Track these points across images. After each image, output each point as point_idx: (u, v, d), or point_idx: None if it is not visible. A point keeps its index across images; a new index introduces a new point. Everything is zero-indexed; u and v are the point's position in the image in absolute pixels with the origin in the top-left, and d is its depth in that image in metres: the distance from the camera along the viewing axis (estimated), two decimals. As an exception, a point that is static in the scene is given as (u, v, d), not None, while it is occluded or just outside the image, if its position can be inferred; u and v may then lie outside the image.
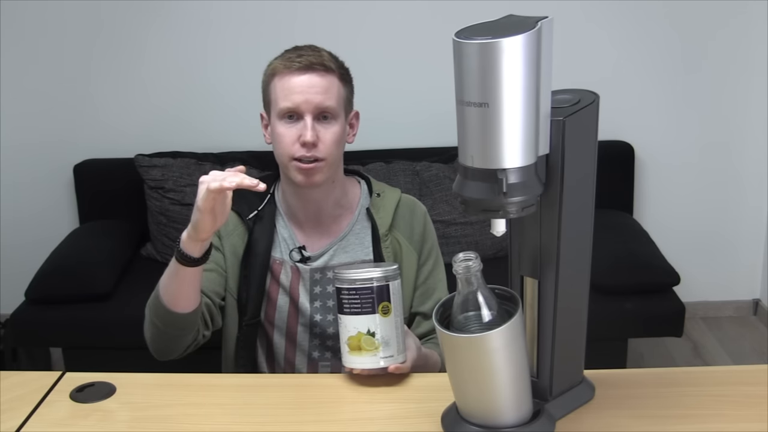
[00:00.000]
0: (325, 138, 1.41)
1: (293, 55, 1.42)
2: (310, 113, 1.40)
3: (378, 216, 1.51)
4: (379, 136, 2.89)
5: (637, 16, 2.91)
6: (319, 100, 1.40)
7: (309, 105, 1.39)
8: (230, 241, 1.51)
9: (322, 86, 1.40)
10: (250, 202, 1.53)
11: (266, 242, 1.50)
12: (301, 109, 1.40)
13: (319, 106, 1.40)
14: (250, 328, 1.50)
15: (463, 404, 1.10)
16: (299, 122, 1.41)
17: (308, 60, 1.40)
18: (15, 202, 3.10)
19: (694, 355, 2.95)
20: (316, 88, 1.40)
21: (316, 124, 1.41)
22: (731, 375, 1.31)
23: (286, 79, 1.41)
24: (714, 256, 3.18)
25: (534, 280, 1.11)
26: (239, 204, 1.52)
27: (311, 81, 1.40)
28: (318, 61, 1.40)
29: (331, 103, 1.41)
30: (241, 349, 1.52)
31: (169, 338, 1.40)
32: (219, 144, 2.95)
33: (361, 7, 2.90)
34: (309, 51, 1.42)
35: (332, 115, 1.42)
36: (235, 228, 1.52)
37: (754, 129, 3.03)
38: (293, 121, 1.41)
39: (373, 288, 1.24)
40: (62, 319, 2.55)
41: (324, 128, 1.42)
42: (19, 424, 1.18)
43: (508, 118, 0.93)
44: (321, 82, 1.40)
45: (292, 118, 1.41)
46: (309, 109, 1.40)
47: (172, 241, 2.81)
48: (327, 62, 1.41)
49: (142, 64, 2.98)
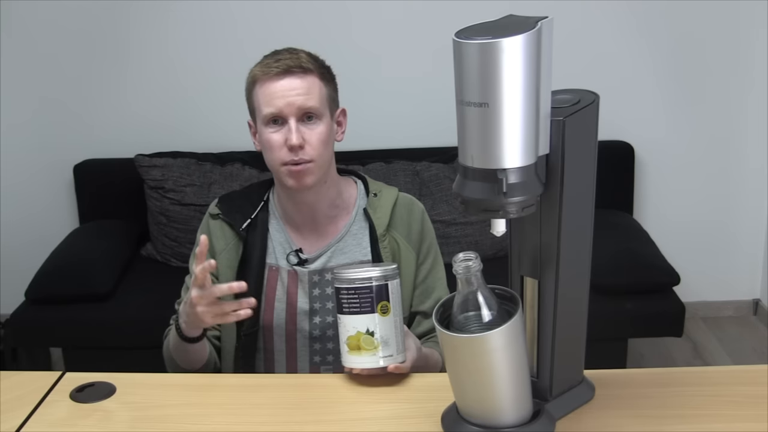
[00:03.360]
0: (311, 139, 1.41)
1: (271, 60, 1.42)
2: (293, 116, 1.40)
3: (375, 216, 1.51)
4: (379, 136, 2.89)
5: (638, 17, 2.91)
6: (300, 101, 1.40)
7: (291, 108, 1.39)
8: (225, 256, 1.50)
9: (302, 88, 1.40)
10: (244, 210, 1.52)
11: (261, 250, 1.50)
12: (284, 113, 1.40)
13: (302, 107, 1.40)
14: (248, 338, 1.50)
15: (463, 404, 1.10)
16: (284, 126, 1.41)
17: (286, 64, 1.40)
18: (15, 202, 3.10)
19: (694, 355, 2.95)
20: (297, 90, 1.40)
21: (300, 126, 1.40)
22: (731, 375, 1.31)
23: (266, 85, 1.41)
24: (714, 256, 3.18)
25: (534, 280, 1.11)
26: (232, 215, 1.52)
27: (291, 84, 1.40)
28: (296, 64, 1.40)
29: (314, 104, 1.41)
30: (240, 358, 1.51)
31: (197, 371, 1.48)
32: (219, 144, 2.95)
33: (360, 7, 2.90)
34: (286, 54, 1.42)
35: (316, 115, 1.42)
36: (227, 243, 1.51)
37: (754, 129, 3.03)
38: (278, 126, 1.41)
39: (372, 287, 1.25)
40: (62, 319, 2.55)
41: (309, 129, 1.41)
42: (19, 424, 1.18)
43: (508, 118, 0.93)
44: (301, 84, 1.40)
45: (276, 122, 1.41)
46: (292, 111, 1.40)
47: (172, 241, 2.81)
48: (305, 63, 1.41)
49: (143, 64, 2.98)
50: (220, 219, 1.53)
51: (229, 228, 1.52)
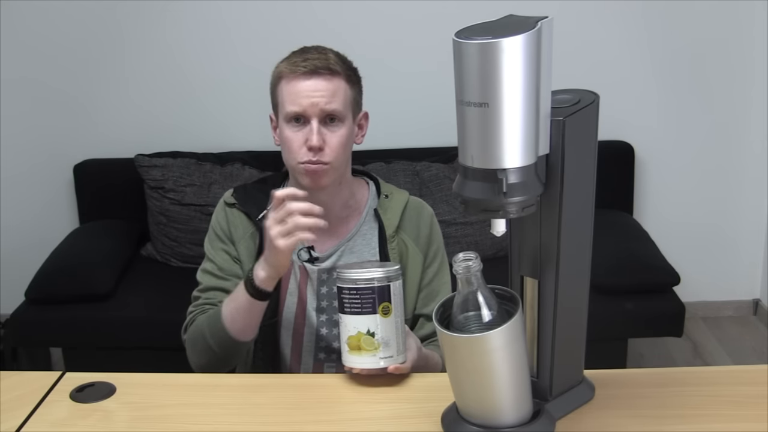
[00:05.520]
0: (331, 142, 1.41)
1: (299, 58, 1.41)
2: (316, 117, 1.39)
3: (385, 217, 1.51)
4: (379, 136, 2.87)
5: (637, 16, 2.91)
6: (324, 104, 1.39)
7: (315, 109, 1.39)
8: (244, 245, 1.51)
9: (328, 90, 1.39)
10: (259, 202, 1.52)
11: None
12: (307, 113, 1.39)
13: (325, 109, 1.39)
14: (267, 329, 1.49)
15: (463, 404, 1.10)
16: (306, 126, 1.40)
17: (314, 64, 1.39)
18: (15, 202, 3.10)
19: (694, 355, 2.95)
20: (322, 92, 1.39)
21: (322, 128, 1.40)
22: (731, 375, 1.31)
23: (292, 84, 1.40)
24: (714, 256, 3.18)
25: (534, 280, 1.11)
26: (248, 205, 1.52)
27: (317, 85, 1.39)
28: (324, 65, 1.40)
29: (338, 107, 1.40)
30: (259, 350, 1.51)
31: (227, 361, 1.45)
32: (219, 144, 2.95)
33: (360, 7, 2.90)
34: (315, 53, 1.41)
35: (339, 118, 1.41)
36: (245, 231, 1.52)
37: (754, 129, 3.03)
38: (300, 125, 1.41)
39: (374, 288, 1.24)
40: (62, 319, 2.55)
41: (330, 132, 1.41)
42: (19, 424, 1.18)
43: (508, 118, 0.93)
44: (327, 86, 1.39)
45: (298, 121, 1.41)
46: (315, 113, 1.39)
47: (172, 241, 2.81)
48: (333, 65, 1.40)
49: (142, 63, 2.98)
50: (237, 208, 1.53)
51: (246, 218, 1.52)
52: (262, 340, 1.50)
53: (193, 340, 1.45)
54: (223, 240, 1.52)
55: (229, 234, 1.52)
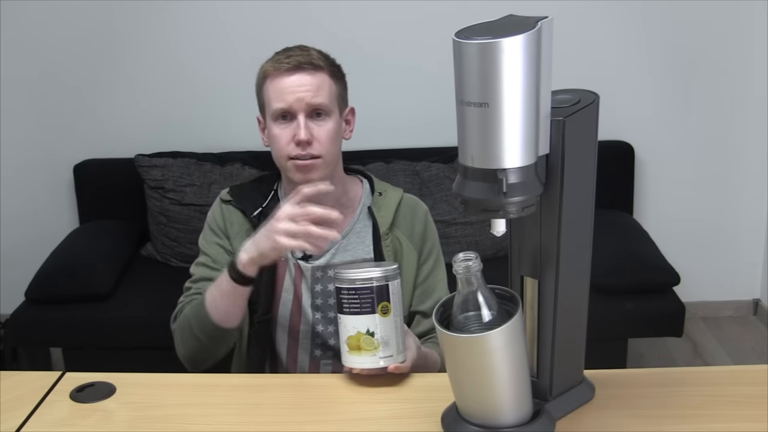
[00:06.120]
0: (320, 135, 1.42)
1: (282, 56, 1.43)
2: (302, 112, 1.41)
3: (379, 215, 1.52)
4: (379, 136, 2.89)
5: (637, 16, 2.91)
6: (310, 98, 1.41)
7: (301, 104, 1.41)
8: (239, 240, 1.51)
9: (312, 84, 1.41)
10: (254, 199, 1.53)
11: None
12: (293, 108, 1.41)
13: (311, 104, 1.41)
14: (261, 325, 1.50)
15: (463, 404, 1.10)
16: (293, 122, 1.42)
17: (297, 60, 1.42)
18: (15, 202, 3.10)
19: (694, 355, 2.95)
20: (307, 86, 1.41)
21: (309, 122, 1.42)
22: (731, 375, 1.31)
23: (276, 81, 1.42)
24: (714, 256, 3.18)
25: (534, 280, 1.11)
26: (243, 202, 1.53)
27: (301, 80, 1.41)
28: (307, 60, 1.42)
29: (323, 100, 1.42)
30: (253, 346, 1.51)
31: (212, 351, 1.45)
32: (219, 144, 2.95)
33: (360, 7, 2.90)
34: (297, 51, 1.44)
35: (325, 112, 1.43)
36: (240, 227, 1.52)
37: (754, 129, 3.03)
38: (287, 122, 1.43)
39: (373, 288, 1.24)
40: (62, 319, 2.55)
41: (318, 126, 1.43)
42: (19, 424, 1.18)
43: (508, 118, 0.93)
44: (311, 81, 1.41)
45: (285, 118, 1.43)
46: (301, 107, 1.41)
47: (172, 241, 2.81)
48: (316, 60, 1.43)
49: (142, 64, 2.98)
50: (232, 205, 1.54)
51: (241, 215, 1.53)
52: (257, 336, 1.50)
53: (180, 329, 1.46)
54: (218, 234, 1.53)
55: (224, 229, 1.53)
